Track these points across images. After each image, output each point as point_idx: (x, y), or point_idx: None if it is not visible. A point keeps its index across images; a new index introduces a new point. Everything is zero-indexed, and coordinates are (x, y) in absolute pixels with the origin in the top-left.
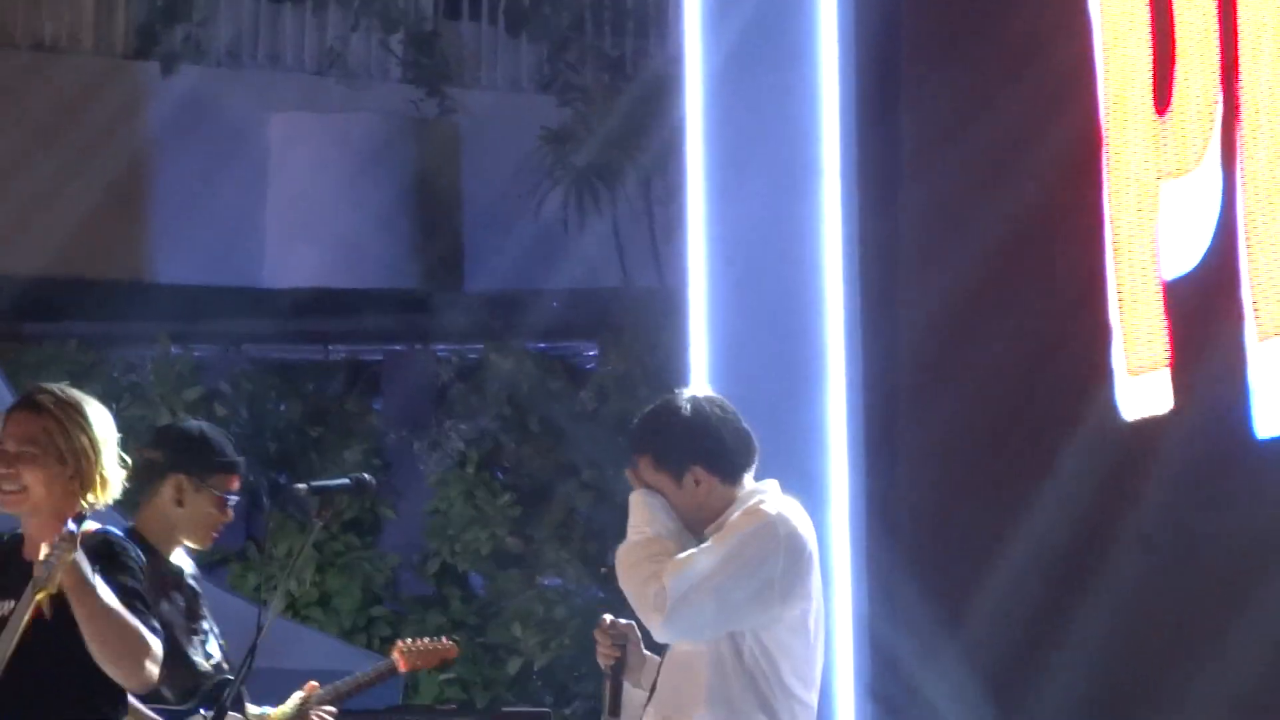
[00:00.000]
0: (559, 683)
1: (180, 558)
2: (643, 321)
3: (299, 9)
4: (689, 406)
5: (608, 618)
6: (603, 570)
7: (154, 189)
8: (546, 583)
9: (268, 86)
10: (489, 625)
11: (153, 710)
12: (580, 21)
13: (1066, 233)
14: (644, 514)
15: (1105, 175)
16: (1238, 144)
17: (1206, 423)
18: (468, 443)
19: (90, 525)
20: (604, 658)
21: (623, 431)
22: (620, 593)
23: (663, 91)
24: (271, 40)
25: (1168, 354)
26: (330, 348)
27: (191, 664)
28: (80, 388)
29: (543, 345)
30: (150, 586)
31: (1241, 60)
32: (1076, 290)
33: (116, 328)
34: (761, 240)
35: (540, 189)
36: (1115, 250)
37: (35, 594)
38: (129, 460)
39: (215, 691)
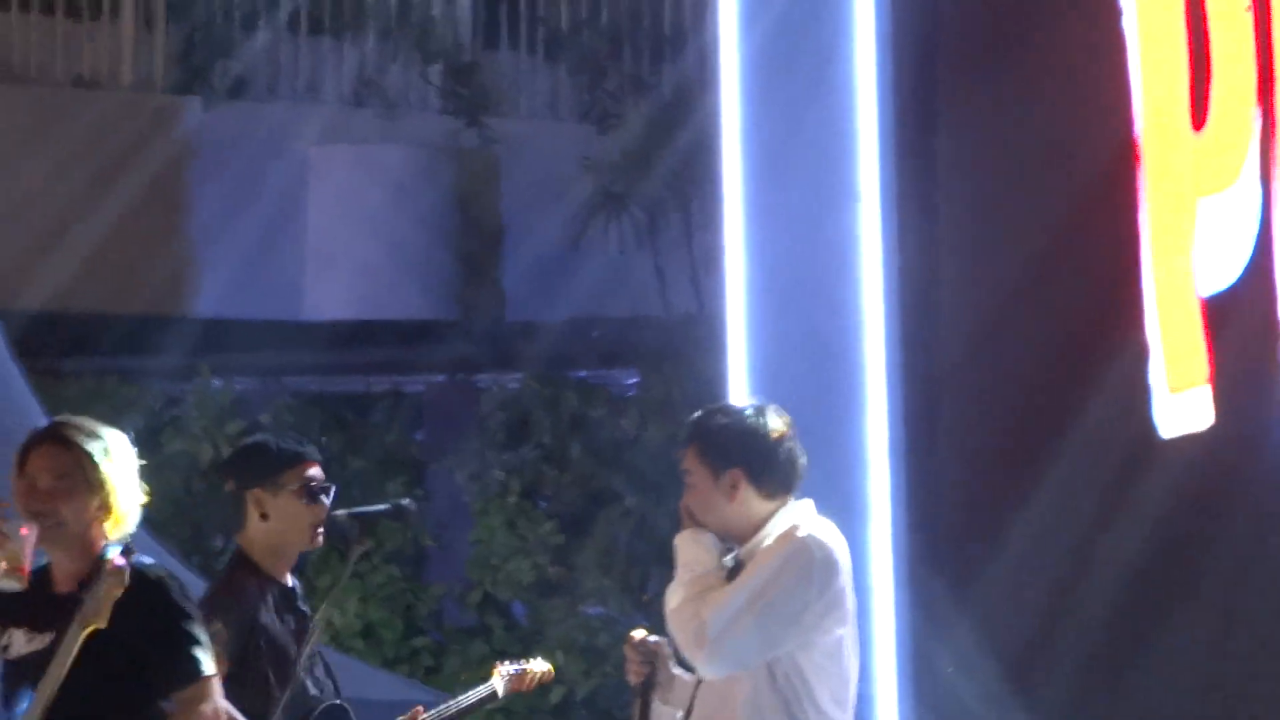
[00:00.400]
0: (602, 710)
1: (289, 577)
2: (683, 348)
3: (337, 41)
4: (753, 411)
5: (638, 633)
6: (645, 598)
7: (191, 222)
8: (589, 611)
9: (305, 117)
10: (531, 654)
11: None
12: (618, 48)
13: (1105, 248)
14: (690, 552)
15: (1142, 191)
16: (1275, 159)
17: (1245, 440)
18: (509, 472)
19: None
20: (634, 674)
21: (664, 459)
22: (662, 620)
23: (699, 117)
24: (310, 70)
25: (1207, 370)
26: (371, 379)
27: (304, 689)
28: (121, 422)
29: (583, 374)
30: (266, 611)
31: (1278, 75)
32: (1115, 306)
33: (155, 362)
34: (799, 262)
35: (580, 218)
36: (1154, 266)
37: (83, 628)
38: (148, 489)
39: (327, 716)
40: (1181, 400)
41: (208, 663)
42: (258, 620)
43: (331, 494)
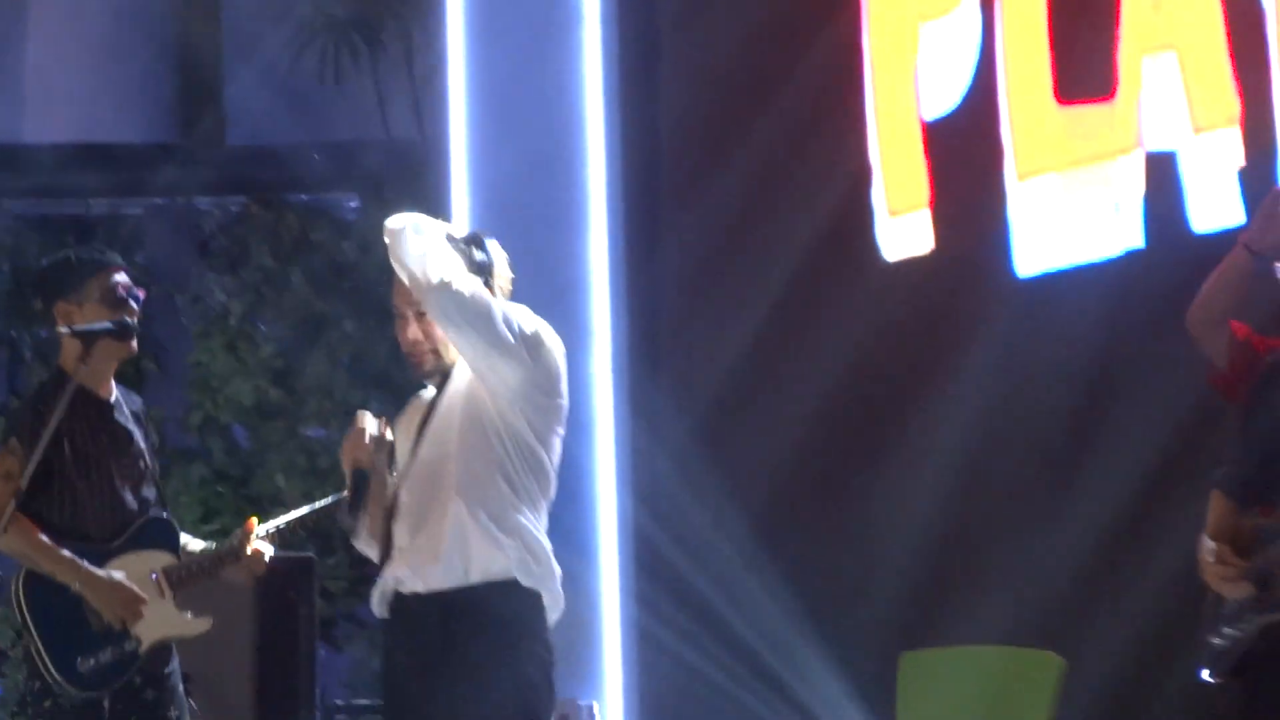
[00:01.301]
0: (323, 533)
1: (116, 393)
2: (404, 173)
3: None
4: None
5: (371, 420)
6: None
7: None
8: (310, 434)
9: None
10: (253, 477)
11: (74, 549)
12: None
13: (827, 73)
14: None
15: (865, 16)
16: None
17: (967, 262)
18: (230, 295)
19: None
20: (358, 456)
21: (385, 284)
22: None
23: None
24: None
25: (928, 194)
26: (91, 202)
27: (119, 501)
28: None
29: (304, 198)
30: (77, 424)
31: None
32: (837, 130)
33: None
34: (522, 84)
35: (299, 41)
36: (875, 91)
37: None
38: None
39: (146, 530)
40: (902, 223)
41: None
42: (61, 434)
43: (139, 298)
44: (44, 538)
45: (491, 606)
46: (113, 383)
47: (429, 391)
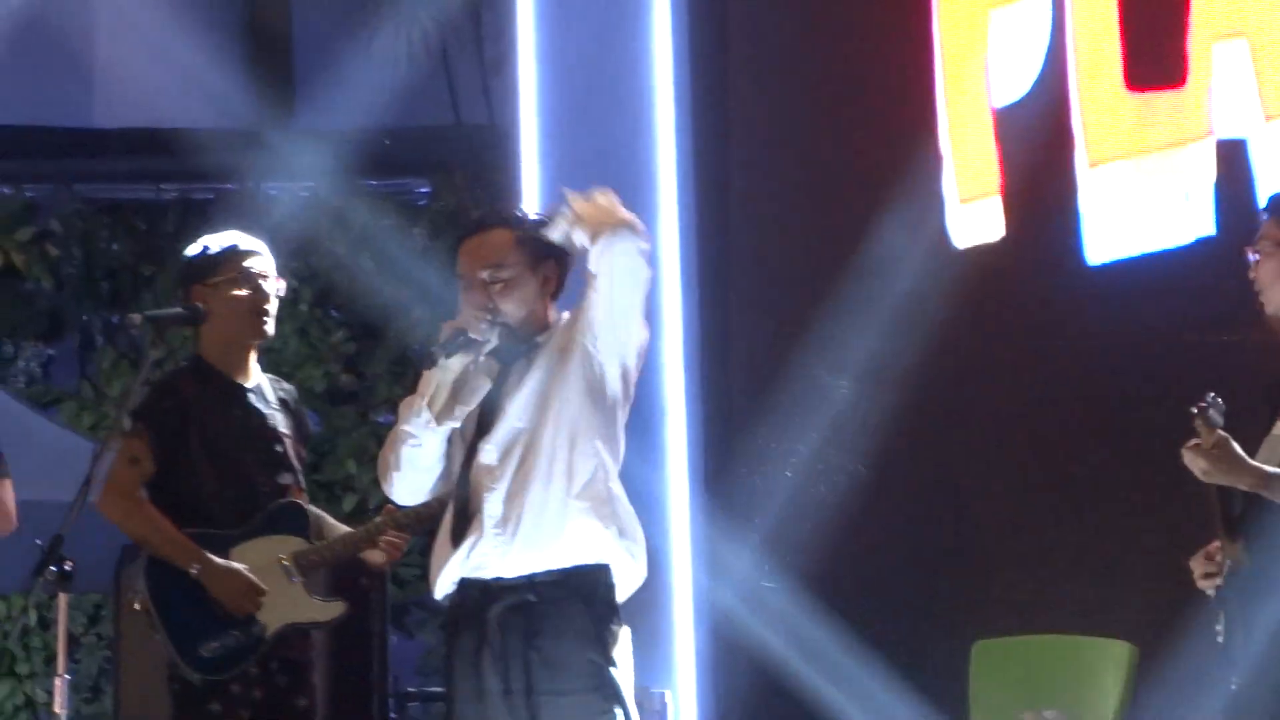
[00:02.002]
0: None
1: (257, 378)
2: (474, 158)
3: None
4: None
5: None
6: None
7: None
8: (381, 420)
9: None
10: (324, 462)
11: (200, 535)
12: None
13: (898, 62)
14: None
15: (935, 3)
16: None
17: (1038, 250)
18: (301, 280)
19: None
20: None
21: (455, 269)
22: None
23: None
24: None
25: (999, 181)
26: (162, 186)
27: (249, 487)
28: None
29: (374, 182)
30: (207, 408)
31: None
32: (908, 118)
33: None
34: (592, 72)
35: (371, 25)
36: (946, 79)
37: None
38: None
39: (276, 515)
40: (973, 210)
41: None
42: (189, 417)
43: (271, 280)
44: (163, 523)
45: (588, 590)
46: (253, 368)
47: (484, 364)
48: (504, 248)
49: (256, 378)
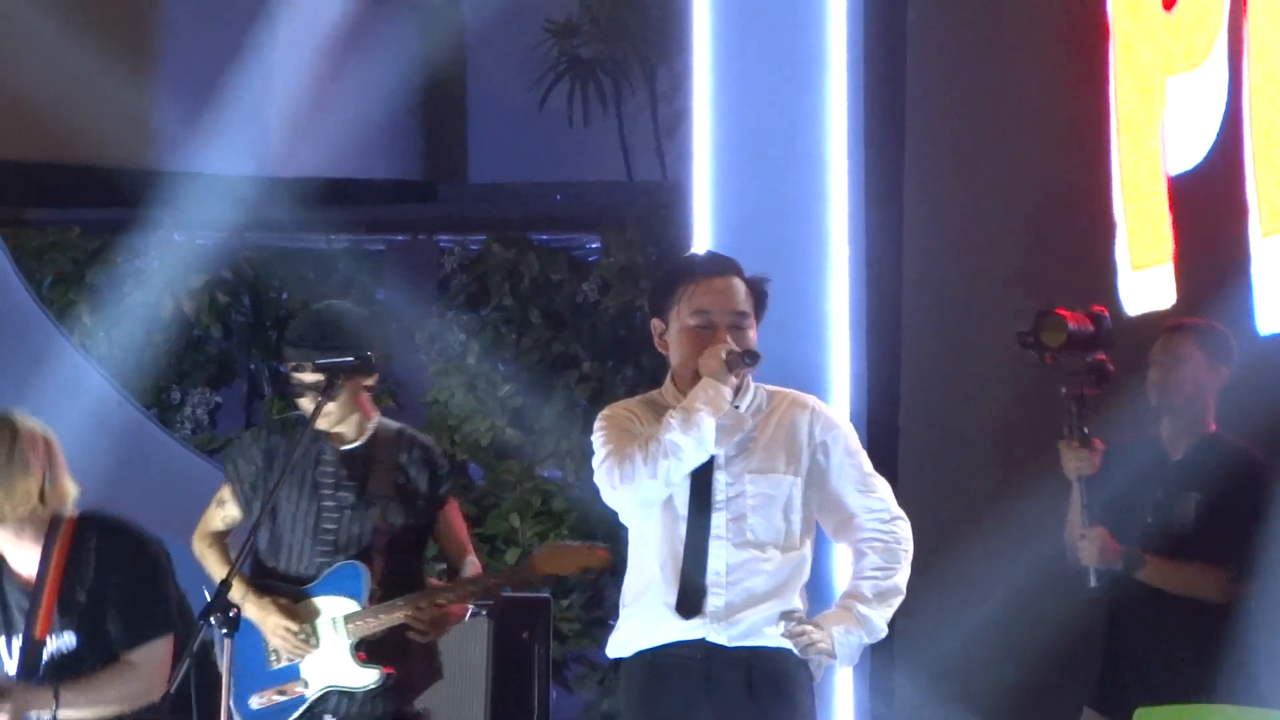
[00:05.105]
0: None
1: (370, 431)
2: (646, 214)
3: None
4: None
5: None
6: None
7: (162, 74)
8: (546, 475)
9: None
10: (487, 516)
11: (272, 586)
12: None
13: (1072, 126)
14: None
15: (1112, 69)
16: (1244, 37)
17: (1209, 318)
18: (469, 334)
19: None
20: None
21: (623, 324)
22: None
23: None
24: None
25: (1172, 249)
26: (332, 237)
27: (317, 544)
28: (84, 274)
29: (545, 237)
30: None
31: None
32: (1082, 183)
33: (121, 215)
34: (764, 129)
35: (545, 81)
36: (1120, 145)
37: None
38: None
39: (335, 575)
40: (1145, 278)
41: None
42: (276, 471)
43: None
44: (217, 565)
45: (794, 670)
46: (359, 422)
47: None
48: (745, 296)
49: (365, 430)
